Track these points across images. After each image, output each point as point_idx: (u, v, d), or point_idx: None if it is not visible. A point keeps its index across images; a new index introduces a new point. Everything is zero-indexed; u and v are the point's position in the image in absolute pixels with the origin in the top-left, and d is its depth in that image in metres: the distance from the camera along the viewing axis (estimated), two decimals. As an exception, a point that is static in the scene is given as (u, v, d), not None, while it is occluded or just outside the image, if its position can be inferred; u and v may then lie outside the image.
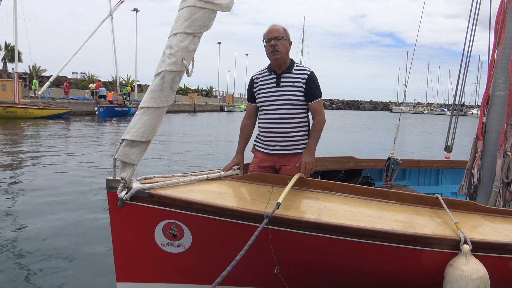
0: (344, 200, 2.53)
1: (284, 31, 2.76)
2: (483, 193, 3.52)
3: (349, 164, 4.21)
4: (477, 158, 3.50)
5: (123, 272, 2.36)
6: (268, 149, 2.85)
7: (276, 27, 2.77)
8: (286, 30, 2.78)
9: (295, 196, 2.49)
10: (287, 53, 2.78)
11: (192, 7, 2.06)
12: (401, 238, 2.21)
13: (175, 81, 2.13)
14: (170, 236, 2.31)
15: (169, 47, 2.10)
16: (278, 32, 2.73)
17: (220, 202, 2.25)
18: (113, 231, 2.30)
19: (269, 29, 2.78)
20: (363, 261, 2.33)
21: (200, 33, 2.14)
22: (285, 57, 2.77)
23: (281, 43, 2.71)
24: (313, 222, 2.18)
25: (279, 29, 2.75)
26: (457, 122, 4.22)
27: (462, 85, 4.64)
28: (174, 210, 2.25)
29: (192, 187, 2.44)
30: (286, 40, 2.76)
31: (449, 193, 5.06)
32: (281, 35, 2.72)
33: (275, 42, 2.70)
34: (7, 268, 3.57)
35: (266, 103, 2.82)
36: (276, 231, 2.20)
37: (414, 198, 2.64)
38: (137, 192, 2.22)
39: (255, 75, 2.95)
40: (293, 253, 2.33)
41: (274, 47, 2.70)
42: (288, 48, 2.78)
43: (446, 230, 2.34)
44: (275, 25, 2.78)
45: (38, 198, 5.94)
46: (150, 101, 2.12)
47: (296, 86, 2.75)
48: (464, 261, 2.20)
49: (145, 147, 2.21)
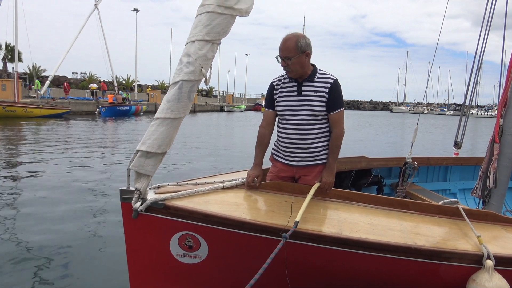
0: (363, 211, 2.47)
1: (296, 46, 2.52)
2: (497, 196, 3.48)
3: (360, 164, 4.15)
4: (494, 161, 3.45)
5: (137, 283, 2.32)
6: (288, 160, 2.73)
7: (286, 44, 2.54)
8: (299, 43, 2.52)
9: (314, 207, 2.43)
10: (303, 67, 2.59)
11: (212, 13, 1.99)
12: (423, 253, 2.17)
13: (192, 91, 2.07)
14: (185, 247, 2.26)
15: (186, 55, 2.03)
16: (287, 51, 2.52)
17: (238, 215, 2.20)
18: (127, 242, 2.26)
19: (281, 44, 2.57)
20: (383, 275, 2.29)
21: (219, 40, 2.07)
22: (300, 72, 2.61)
23: (292, 63, 2.54)
24: (334, 236, 2.13)
25: (289, 47, 2.52)
26: (467, 120, 4.32)
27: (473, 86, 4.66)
28: (190, 222, 2.19)
29: (208, 197, 2.38)
30: (299, 56, 2.53)
31: (457, 190, 5.06)
32: (290, 55, 2.52)
33: (285, 63, 2.55)
34: (15, 274, 3.52)
35: (286, 112, 2.68)
36: (294, 244, 2.14)
37: (434, 208, 2.58)
38: (152, 203, 2.16)
39: (275, 81, 2.77)
40: (309, 265, 2.28)
41: (285, 67, 2.58)
42: (303, 62, 2.57)
43: (468, 243, 2.29)
44: (287, 40, 2.54)
45: (42, 200, 5.87)
46: (167, 112, 2.05)
47: (319, 96, 2.61)
48: (488, 277, 2.17)
49: (161, 158, 2.15)
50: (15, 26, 22.98)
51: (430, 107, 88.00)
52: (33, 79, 32.14)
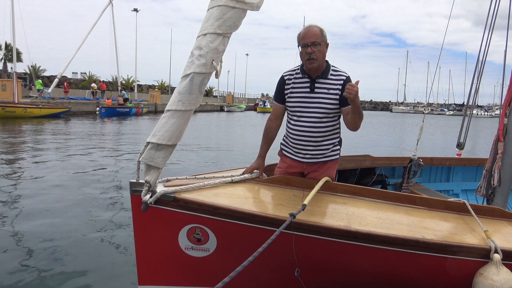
0: (371, 206, 2.48)
1: (321, 33, 2.46)
2: (501, 194, 3.50)
3: (365, 162, 4.17)
4: (498, 159, 3.47)
5: (145, 275, 2.33)
6: (298, 157, 2.72)
7: (312, 29, 2.46)
8: (323, 32, 2.48)
9: (322, 201, 2.45)
10: (324, 58, 2.54)
11: (224, 6, 2.00)
12: (431, 246, 2.18)
13: (203, 83, 2.08)
14: (194, 240, 2.27)
15: (198, 48, 2.04)
16: (315, 36, 2.43)
17: (247, 207, 2.21)
18: (136, 234, 2.27)
19: (304, 32, 2.47)
20: (390, 268, 2.30)
21: (230, 34, 2.08)
22: (321, 64, 2.54)
23: (319, 50, 2.45)
24: (343, 229, 2.14)
25: (316, 32, 2.45)
26: (469, 121, 4.35)
27: (476, 87, 4.69)
28: (199, 215, 2.20)
29: (217, 190, 2.39)
30: (324, 45, 2.48)
31: (459, 190, 5.08)
32: (318, 41, 2.44)
33: (312, 49, 2.44)
34: (21, 270, 3.52)
35: (298, 109, 2.64)
36: (303, 237, 2.15)
37: (441, 204, 2.59)
38: (162, 196, 2.17)
39: (286, 75, 2.69)
40: (317, 258, 2.29)
41: (310, 54, 2.45)
42: (325, 53, 2.52)
43: (475, 238, 2.31)
44: (311, 27, 2.47)
45: (46, 196, 5.88)
46: (178, 104, 2.05)
47: (332, 93, 2.56)
48: (495, 271, 2.19)
49: (171, 150, 2.15)
50: (12, 25, 22.89)
51: (430, 107, 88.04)
52: (33, 79, 32.07)
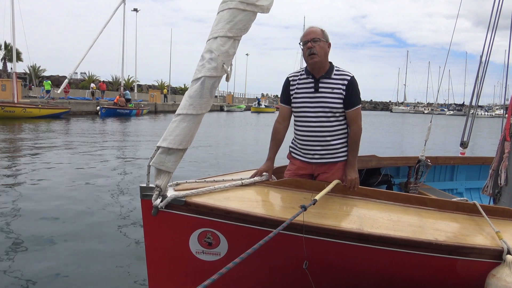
0: (383, 208, 2.48)
1: (322, 32, 2.64)
2: (507, 194, 3.50)
3: (371, 163, 4.17)
4: (505, 159, 3.47)
5: (155, 279, 2.32)
6: (307, 158, 2.73)
7: (313, 28, 2.65)
8: (324, 32, 2.65)
9: (333, 204, 2.44)
10: (326, 56, 2.65)
11: (234, 9, 1.99)
12: (444, 248, 2.18)
13: (214, 87, 2.07)
14: (205, 244, 2.26)
15: (209, 51, 2.03)
16: (315, 33, 2.61)
17: (258, 211, 2.20)
18: (146, 239, 2.26)
19: (306, 31, 2.66)
20: (402, 269, 2.30)
21: (240, 37, 2.07)
22: (324, 60, 2.63)
23: (319, 45, 2.58)
24: (356, 232, 2.13)
25: (316, 30, 2.63)
26: (473, 120, 4.32)
27: (479, 87, 4.70)
28: (211, 219, 2.19)
29: (228, 194, 2.38)
30: (325, 42, 2.62)
31: (463, 189, 5.10)
32: (318, 37, 2.59)
33: (312, 44, 2.58)
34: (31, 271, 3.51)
35: (303, 109, 2.68)
36: (315, 240, 2.15)
37: (452, 205, 2.59)
38: (172, 200, 2.16)
39: (291, 76, 2.78)
40: (328, 259, 2.28)
41: (311, 49, 2.58)
42: (326, 51, 2.64)
43: (487, 239, 2.30)
44: (312, 27, 2.67)
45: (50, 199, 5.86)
46: (189, 108, 2.04)
47: (336, 93, 2.62)
48: (508, 272, 2.19)
49: (182, 154, 2.14)
50: (12, 25, 22.80)
51: (430, 107, 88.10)
52: (33, 79, 31.99)
